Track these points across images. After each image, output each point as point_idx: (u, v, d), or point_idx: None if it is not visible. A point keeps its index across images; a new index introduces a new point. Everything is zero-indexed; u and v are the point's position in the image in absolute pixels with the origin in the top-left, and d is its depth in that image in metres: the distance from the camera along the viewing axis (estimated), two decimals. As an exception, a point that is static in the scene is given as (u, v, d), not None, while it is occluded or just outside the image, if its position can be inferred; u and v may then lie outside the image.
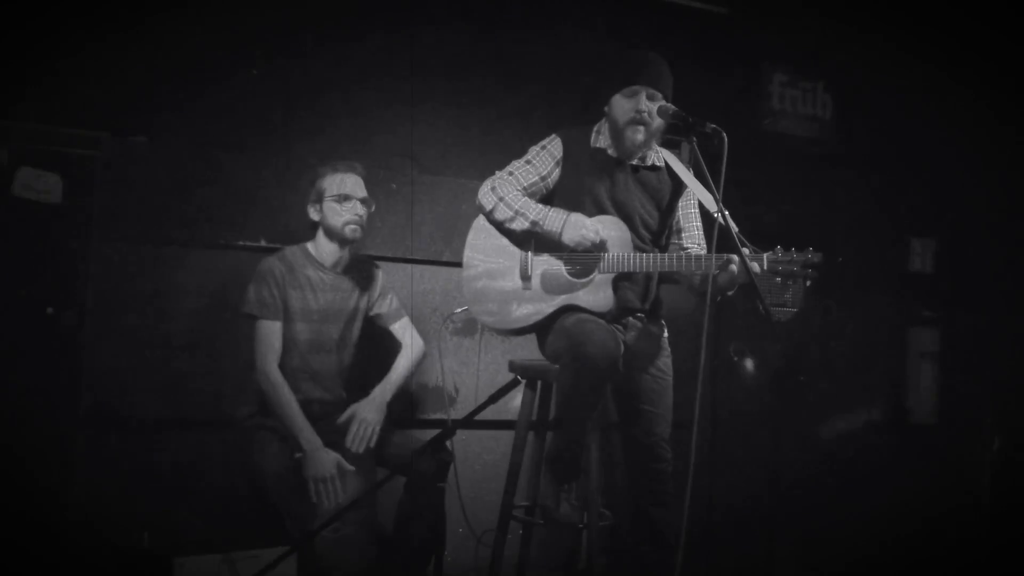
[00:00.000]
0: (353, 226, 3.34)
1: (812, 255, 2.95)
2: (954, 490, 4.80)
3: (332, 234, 3.35)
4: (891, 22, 4.82)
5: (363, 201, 3.37)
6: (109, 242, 3.43)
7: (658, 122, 3.08)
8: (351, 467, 3.19)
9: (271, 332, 3.27)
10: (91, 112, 3.36)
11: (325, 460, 3.14)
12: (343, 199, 3.33)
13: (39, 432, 3.23)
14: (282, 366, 3.26)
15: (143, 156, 3.50)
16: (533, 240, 3.12)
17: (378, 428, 3.27)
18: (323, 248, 3.38)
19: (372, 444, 3.25)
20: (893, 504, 4.61)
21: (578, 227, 3.01)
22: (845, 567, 4.36)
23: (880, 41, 4.82)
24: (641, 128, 3.06)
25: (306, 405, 3.25)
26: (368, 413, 3.28)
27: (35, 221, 3.28)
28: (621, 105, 3.09)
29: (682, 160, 3.27)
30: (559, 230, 3.03)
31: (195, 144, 3.59)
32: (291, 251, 3.38)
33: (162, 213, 3.53)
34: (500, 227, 3.12)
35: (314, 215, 3.36)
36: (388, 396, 3.36)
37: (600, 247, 3.04)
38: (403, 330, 3.53)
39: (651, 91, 3.07)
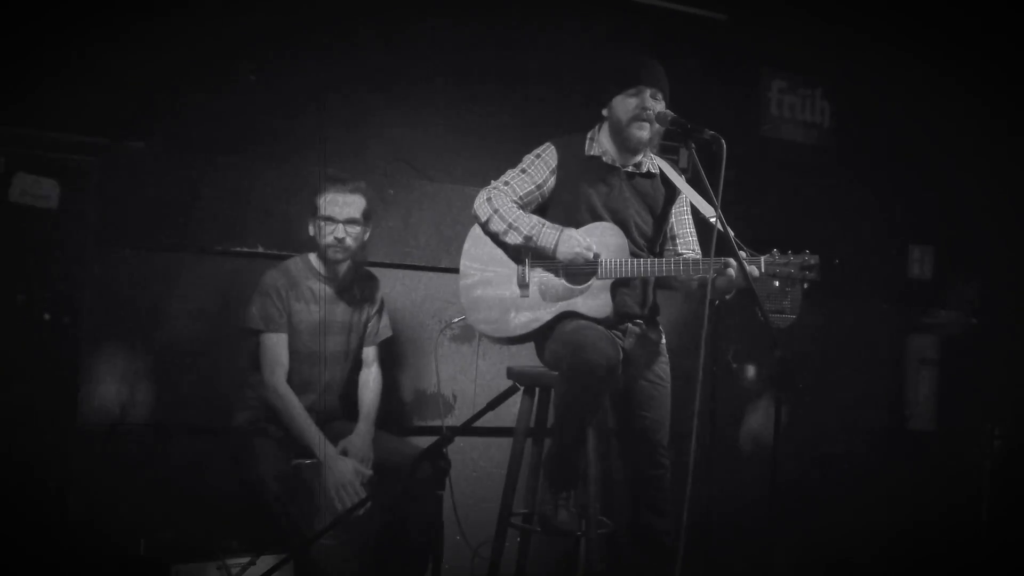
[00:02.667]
0: (334, 248, 3.32)
1: (809, 257, 2.95)
2: (952, 497, 4.78)
3: (319, 251, 3.35)
4: (890, 29, 4.82)
5: (349, 222, 3.32)
6: (106, 248, 3.42)
7: (657, 126, 3.08)
8: (368, 471, 3.21)
9: (278, 345, 3.26)
10: (88, 118, 3.35)
11: (344, 467, 3.16)
12: (327, 220, 3.30)
13: (36, 439, 3.21)
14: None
15: (140, 162, 3.50)
16: (529, 251, 3.11)
17: (364, 480, 3.21)
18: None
19: (357, 502, 3.14)
20: (891, 510, 4.60)
21: (572, 244, 3.00)
22: (844, 574, 4.34)
23: (879, 48, 4.82)
24: (645, 125, 3.06)
25: None
26: (348, 474, 3.18)
27: (32, 227, 3.26)
28: (624, 104, 3.08)
29: (677, 167, 3.26)
30: (552, 246, 3.02)
31: (192, 150, 3.58)
32: (293, 263, 3.38)
33: (159, 219, 3.53)
34: (494, 239, 3.12)
35: (311, 229, 3.36)
36: (369, 439, 3.32)
37: (594, 262, 3.03)
38: (371, 357, 3.49)
39: (654, 90, 3.07)
